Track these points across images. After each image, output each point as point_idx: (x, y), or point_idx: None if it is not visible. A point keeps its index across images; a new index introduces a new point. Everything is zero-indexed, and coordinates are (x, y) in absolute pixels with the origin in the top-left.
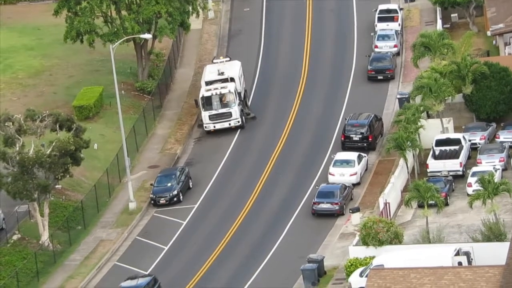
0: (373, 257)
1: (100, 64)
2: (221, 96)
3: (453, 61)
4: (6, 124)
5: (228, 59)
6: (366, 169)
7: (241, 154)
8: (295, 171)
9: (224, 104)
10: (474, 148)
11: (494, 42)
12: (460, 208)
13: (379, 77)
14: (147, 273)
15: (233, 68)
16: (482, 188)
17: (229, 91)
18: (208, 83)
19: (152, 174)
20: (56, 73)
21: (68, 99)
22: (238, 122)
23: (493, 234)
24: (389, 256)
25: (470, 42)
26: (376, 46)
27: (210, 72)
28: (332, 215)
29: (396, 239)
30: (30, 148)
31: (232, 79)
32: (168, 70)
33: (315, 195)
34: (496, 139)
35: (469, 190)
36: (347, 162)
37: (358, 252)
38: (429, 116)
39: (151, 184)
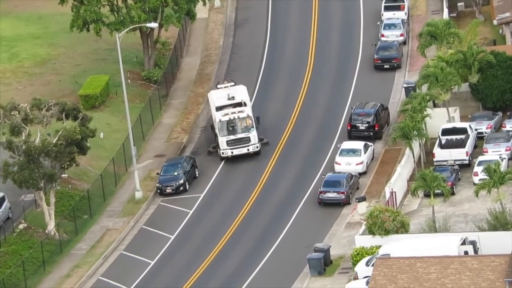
0: (379, 246)
1: (107, 53)
2: (240, 121)
3: (460, 50)
4: (12, 113)
5: (232, 83)
6: (372, 158)
7: None
8: (301, 161)
9: (242, 129)
10: (480, 137)
11: (500, 31)
12: (466, 197)
13: (385, 66)
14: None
15: (243, 92)
16: (488, 177)
17: (248, 115)
18: (219, 108)
19: (158, 163)
20: (62, 62)
21: (74, 88)
22: (257, 147)
23: (499, 223)
24: (396, 245)
25: (477, 31)
26: (383, 35)
27: (218, 97)
28: (338, 204)
29: (402, 228)
30: (36, 137)
31: (245, 103)
32: (174, 59)
33: (321, 184)
34: (503, 128)
35: (475, 179)
36: (353, 151)
37: (364, 241)
38: (435, 105)
39: (157, 173)
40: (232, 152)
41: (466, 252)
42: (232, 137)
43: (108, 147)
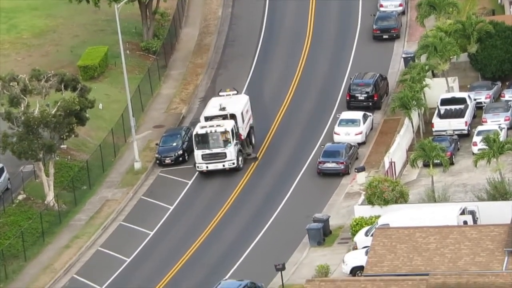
0: (379, 216)
1: (105, 24)
2: (216, 135)
3: (458, 20)
4: (11, 84)
5: (235, 92)
6: (371, 129)
7: None
8: (301, 131)
9: (218, 144)
10: (479, 107)
11: (499, 1)
12: (466, 167)
13: (384, 36)
14: None
15: (238, 104)
16: (487, 147)
17: (225, 130)
18: (207, 118)
19: (157, 134)
20: (61, 33)
21: (73, 59)
22: (233, 164)
23: (498, 193)
24: (395, 215)
25: (475, 1)
26: (382, 5)
27: (212, 106)
28: (337, 175)
29: (401, 198)
30: (35, 108)
31: (232, 116)
32: (173, 29)
33: (321, 154)
34: (501, 98)
35: (475, 149)
36: (352, 122)
37: (363, 211)
38: (434, 75)
39: (157, 144)
40: (207, 167)
41: (465, 222)
42: (207, 151)
43: (107, 118)
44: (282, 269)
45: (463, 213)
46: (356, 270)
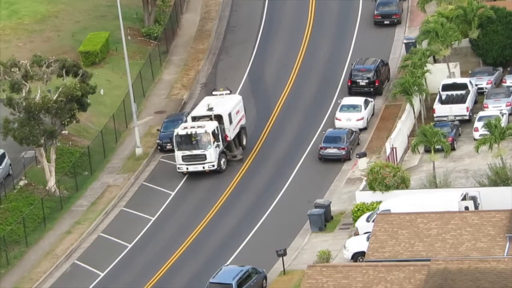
0: (380, 202)
1: (106, 9)
2: (196, 136)
3: (460, 5)
4: (13, 70)
5: (228, 92)
6: (372, 114)
7: (248, 98)
8: (302, 116)
9: (199, 146)
10: (480, 93)
11: None
12: (467, 153)
13: (385, 22)
14: None
15: (227, 104)
16: (488, 133)
17: (205, 132)
18: (194, 118)
19: (159, 120)
20: (62, 18)
21: (74, 44)
22: (213, 166)
23: (500, 178)
24: (396, 201)
25: None
26: None
27: (202, 105)
28: (338, 160)
29: (402, 184)
30: (37, 94)
31: (219, 117)
32: (174, 15)
33: (322, 140)
34: (503, 84)
35: (476, 135)
36: (353, 107)
37: (365, 197)
38: (435, 61)
39: (158, 130)
40: (187, 168)
41: (466, 208)
42: (187, 152)
43: (109, 104)
44: (283, 255)
45: (464, 198)
46: (358, 256)
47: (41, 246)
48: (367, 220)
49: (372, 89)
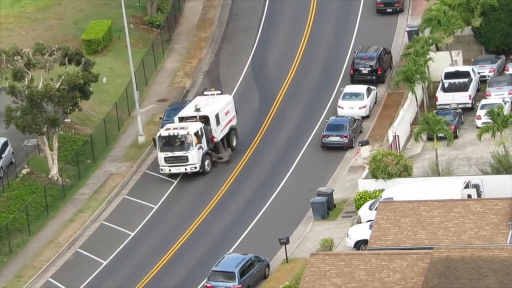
0: (383, 190)
1: None
2: (179, 138)
3: None
4: (15, 58)
5: (219, 92)
6: (375, 102)
7: (250, 86)
8: (304, 105)
9: (181, 147)
10: (483, 81)
11: None
12: (470, 141)
13: (388, 10)
14: None
15: (216, 105)
16: (491, 121)
17: (188, 133)
18: (181, 119)
19: (161, 108)
20: (65, 6)
21: (76, 33)
22: (196, 168)
23: (503, 166)
24: (399, 189)
25: None
26: None
27: (191, 106)
28: (341, 148)
29: (405, 172)
30: (39, 82)
31: (205, 118)
32: (177, 3)
33: (324, 128)
34: (505, 72)
35: (478, 123)
36: (356, 95)
37: (367, 185)
38: (438, 49)
39: (160, 118)
40: (170, 170)
41: (469, 196)
42: (169, 154)
43: (111, 92)
44: (286, 243)
45: (467, 186)
46: (360, 244)
47: (43, 234)
48: (370, 208)
49: (374, 77)
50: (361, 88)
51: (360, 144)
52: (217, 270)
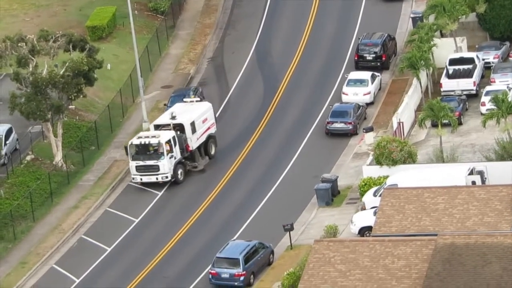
0: (387, 176)
1: None
2: (150, 146)
3: None
4: (20, 44)
5: (198, 99)
6: (379, 89)
7: (254, 72)
8: (309, 91)
9: (152, 156)
10: (487, 67)
11: None
12: (474, 127)
13: None
14: None
15: (192, 113)
16: (495, 107)
17: (159, 142)
18: (157, 126)
19: (166, 94)
20: None
21: (81, 19)
22: (167, 177)
23: (507, 153)
24: (403, 176)
25: None
26: None
27: (167, 113)
28: (345, 135)
29: (409, 158)
30: (44, 69)
31: (180, 126)
32: None
33: (329, 114)
34: (510, 58)
35: (483, 109)
36: (360, 82)
37: (371, 171)
38: (442, 35)
39: (165, 104)
40: (141, 179)
41: (473, 182)
42: (141, 163)
43: (115, 78)
44: (290, 230)
45: (471, 173)
46: (365, 231)
47: (48, 220)
48: (374, 195)
49: (379, 64)
50: (366, 75)
51: (364, 131)
52: (222, 256)
